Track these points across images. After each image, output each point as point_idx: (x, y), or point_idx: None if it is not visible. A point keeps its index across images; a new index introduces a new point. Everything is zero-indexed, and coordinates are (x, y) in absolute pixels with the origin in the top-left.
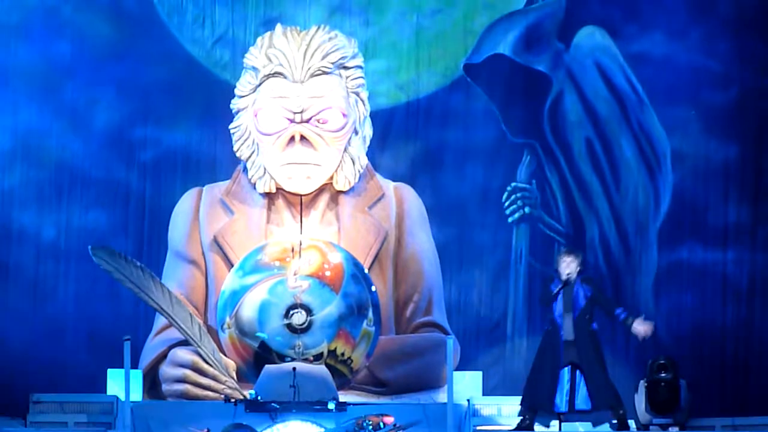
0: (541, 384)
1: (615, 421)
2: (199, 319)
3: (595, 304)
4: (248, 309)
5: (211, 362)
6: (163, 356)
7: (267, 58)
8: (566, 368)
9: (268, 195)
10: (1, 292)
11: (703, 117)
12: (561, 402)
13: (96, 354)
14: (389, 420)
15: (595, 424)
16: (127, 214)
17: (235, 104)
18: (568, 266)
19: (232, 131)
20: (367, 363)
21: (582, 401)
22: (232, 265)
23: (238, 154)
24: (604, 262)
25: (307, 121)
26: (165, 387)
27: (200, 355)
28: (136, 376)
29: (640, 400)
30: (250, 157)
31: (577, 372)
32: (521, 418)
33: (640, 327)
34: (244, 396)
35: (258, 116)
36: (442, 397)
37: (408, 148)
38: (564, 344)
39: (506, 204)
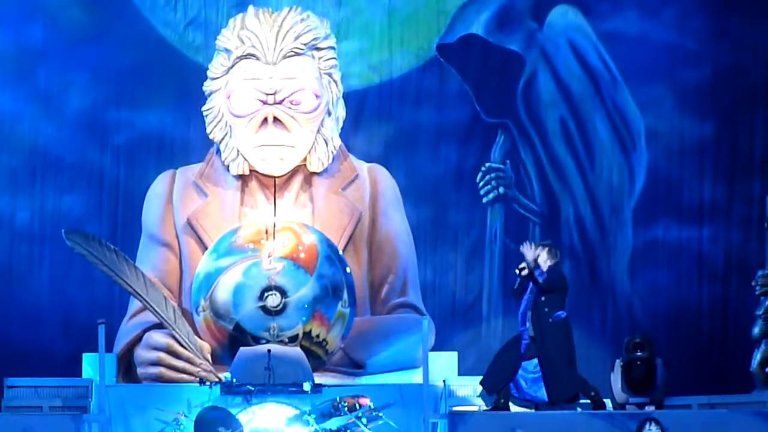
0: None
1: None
2: (174, 302)
3: (541, 291)
4: (223, 291)
5: (185, 345)
6: (137, 339)
7: (239, 39)
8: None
9: (241, 177)
10: None
11: (678, 95)
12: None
13: (70, 338)
14: (365, 401)
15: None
16: (101, 197)
17: (207, 86)
18: (541, 258)
19: (205, 113)
20: (342, 344)
21: (542, 394)
22: (206, 248)
23: (211, 137)
24: (579, 242)
25: (280, 103)
26: (140, 370)
27: (175, 338)
28: (111, 360)
29: (616, 380)
30: (223, 139)
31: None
32: (496, 398)
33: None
34: (220, 378)
35: (231, 98)
36: (417, 377)
37: (381, 129)
38: (529, 339)
39: (481, 184)
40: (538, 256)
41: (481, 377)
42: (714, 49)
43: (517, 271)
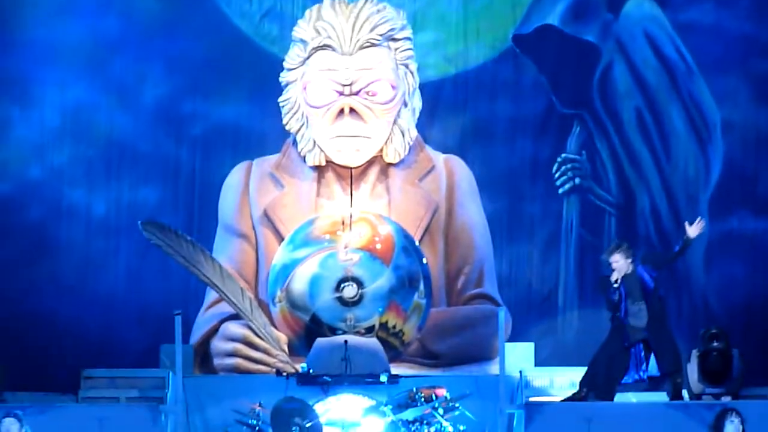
0: (601, 367)
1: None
2: (250, 293)
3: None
4: (299, 282)
5: (262, 336)
6: (214, 330)
7: (315, 30)
8: (639, 345)
9: (317, 168)
10: (52, 268)
11: (754, 86)
12: (632, 375)
13: (147, 329)
14: (441, 392)
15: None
16: (177, 188)
17: (283, 77)
18: (619, 264)
19: (281, 104)
20: (418, 335)
21: (652, 369)
22: (283, 239)
23: (287, 128)
24: (655, 233)
25: (356, 94)
26: (217, 361)
27: (252, 329)
28: (188, 351)
29: (692, 370)
30: (299, 130)
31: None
32: (579, 389)
33: (694, 228)
34: (296, 369)
35: (307, 89)
36: (494, 368)
37: (457, 120)
38: (633, 329)
39: (556, 175)
40: (616, 261)
41: (559, 368)
42: None
43: (615, 285)
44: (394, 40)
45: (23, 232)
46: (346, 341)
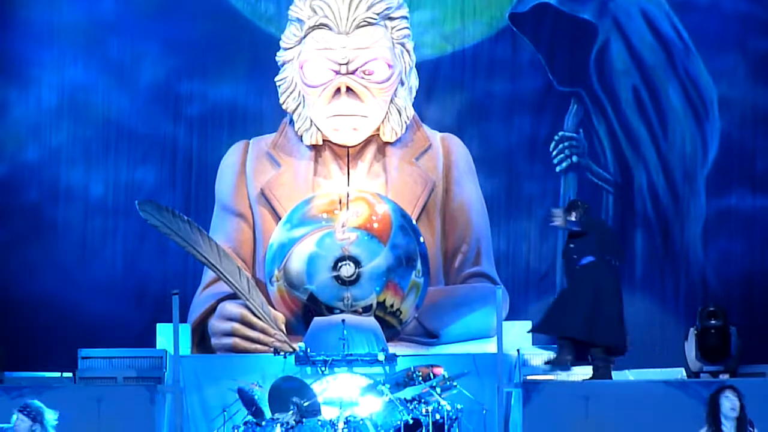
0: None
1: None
2: (248, 273)
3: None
4: (296, 262)
5: (260, 315)
6: (211, 310)
7: (312, 9)
8: None
9: (314, 147)
10: (50, 249)
11: (750, 63)
12: None
13: (144, 309)
14: (439, 371)
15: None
16: (174, 168)
17: (280, 57)
18: (558, 218)
19: (277, 84)
20: (416, 314)
21: None
22: (280, 218)
23: (284, 107)
24: (653, 210)
25: (353, 73)
26: (214, 341)
27: (249, 309)
28: (185, 330)
29: (690, 348)
30: (296, 109)
31: None
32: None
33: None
34: (294, 349)
35: (303, 68)
36: (491, 347)
37: (454, 99)
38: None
39: (554, 153)
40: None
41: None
42: None
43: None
44: (391, 18)
45: (21, 213)
46: (343, 320)
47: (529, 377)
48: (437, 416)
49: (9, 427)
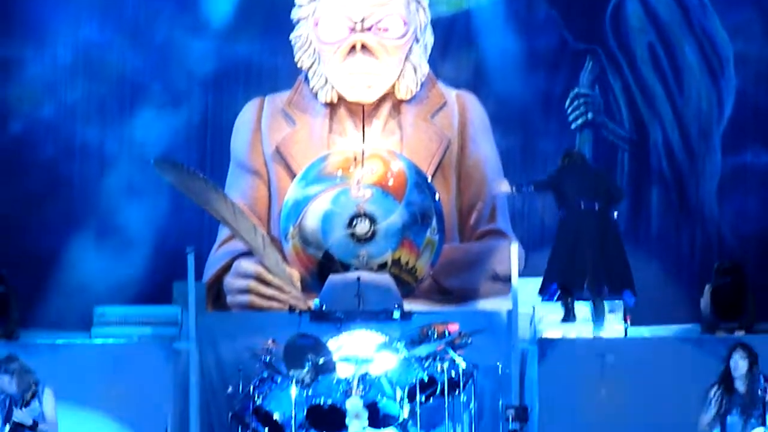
0: None
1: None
2: (263, 230)
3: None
4: (312, 219)
5: (275, 273)
6: (227, 267)
7: None
8: None
9: (329, 104)
10: (65, 207)
11: (766, 19)
12: None
13: (160, 266)
14: (454, 328)
15: None
16: (190, 126)
17: (295, 13)
18: None
19: (293, 41)
20: (431, 271)
21: None
22: (295, 176)
23: (299, 64)
24: (668, 167)
25: (368, 30)
26: (229, 298)
27: (264, 266)
28: (201, 288)
29: (705, 305)
30: (311, 66)
31: None
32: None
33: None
34: (309, 306)
35: (319, 25)
36: (506, 304)
37: (469, 56)
38: None
39: (569, 110)
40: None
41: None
42: None
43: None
44: None
45: (37, 170)
46: (358, 278)
47: (544, 334)
48: (452, 373)
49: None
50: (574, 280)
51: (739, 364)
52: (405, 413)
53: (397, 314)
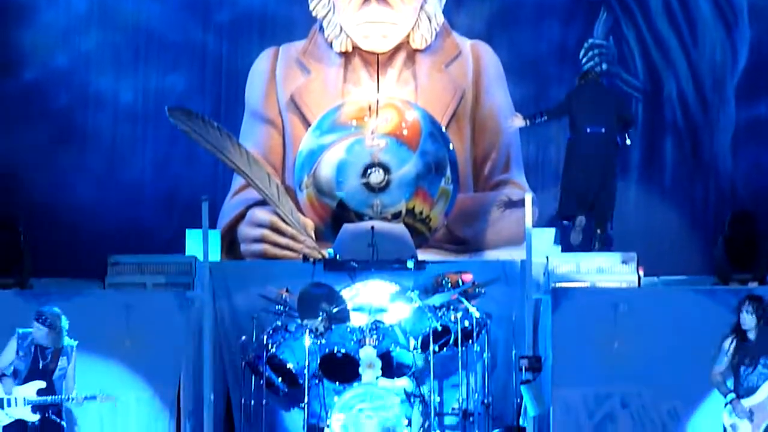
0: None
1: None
2: (277, 179)
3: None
4: (326, 168)
5: (289, 222)
6: (241, 216)
7: None
8: None
9: (344, 54)
10: (79, 155)
11: None
12: None
13: (174, 215)
14: (468, 277)
15: None
16: (204, 75)
17: None
18: None
19: None
20: (445, 221)
21: None
22: (309, 125)
23: (314, 13)
24: (682, 118)
25: None
26: (243, 247)
27: (278, 215)
28: (215, 237)
29: (719, 255)
30: (326, 16)
31: None
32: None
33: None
34: (323, 255)
35: None
36: (520, 254)
37: (484, 6)
38: None
39: (583, 60)
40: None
41: (585, 254)
42: None
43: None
44: None
45: (50, 119)
46: (372, 227)
47: (557, 284)
48: (466, 323)
49: (28, 332)
50: (576, 203)
51: (747, 318)
52: (418, 362)
53: (410, 264)
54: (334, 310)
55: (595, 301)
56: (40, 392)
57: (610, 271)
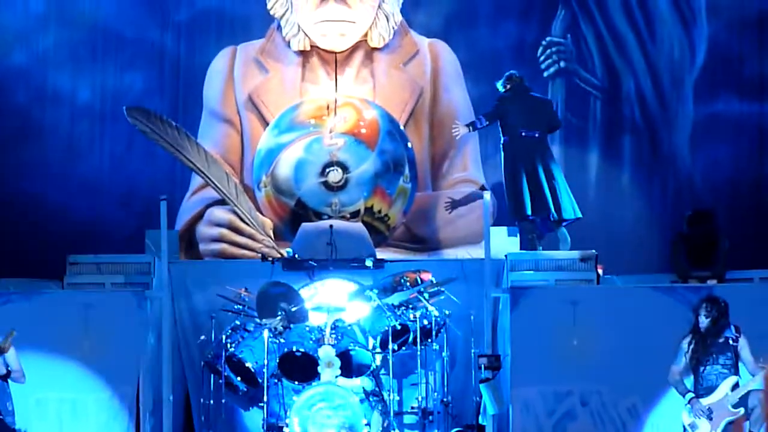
0: None
1: None
2: (235, 178)
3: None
4: (284, 167)
5: (247, 221)
6: (199, 216)
7: None
8: None
9: (302, 53)
10: (37, 153)
11: None
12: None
13: (133, 214)
14: (427, 276)
15: None
16: (162, 74)
17: None
18: None
19: None
20: (403, 220)
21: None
22: (268, 124)
23: (272, 12)
24: (641, 116)
25: None
26: (202, 246)
27: (237, 214)
28: (173, 236)
29: (677, 253)
30: (284, 15)
31: None
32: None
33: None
34: (281, 254)
35: None
36: (479, 252)
37: (442, 4)
38: None
39: (541, 59)
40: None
41: (545, 252)
42: None
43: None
44: None
45: (8, 116)
46: (331, 226)
47: (516, 283)
48: (425, 322)
49: None
50: (518, 204)
51: (704, 321)
52: (377, 361)
53: (369, 263)
54: (293, 309)
55: (554, 299)
56: None
57: (569, 269)
